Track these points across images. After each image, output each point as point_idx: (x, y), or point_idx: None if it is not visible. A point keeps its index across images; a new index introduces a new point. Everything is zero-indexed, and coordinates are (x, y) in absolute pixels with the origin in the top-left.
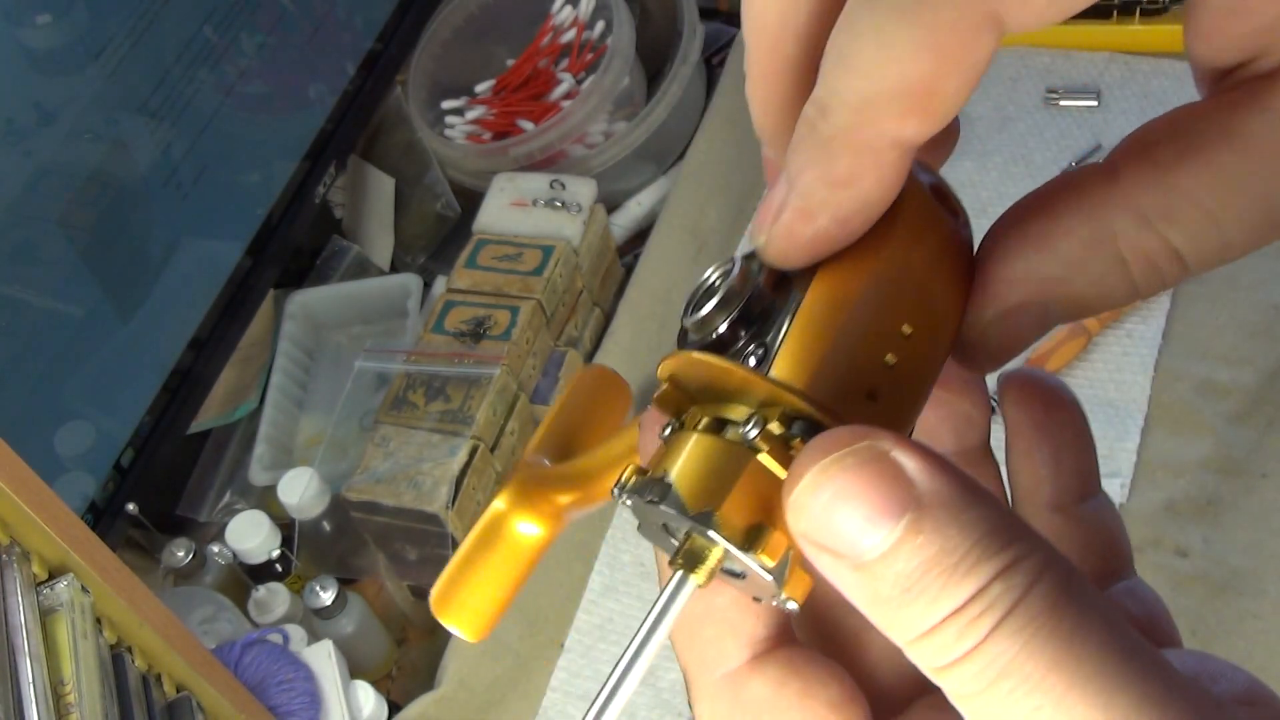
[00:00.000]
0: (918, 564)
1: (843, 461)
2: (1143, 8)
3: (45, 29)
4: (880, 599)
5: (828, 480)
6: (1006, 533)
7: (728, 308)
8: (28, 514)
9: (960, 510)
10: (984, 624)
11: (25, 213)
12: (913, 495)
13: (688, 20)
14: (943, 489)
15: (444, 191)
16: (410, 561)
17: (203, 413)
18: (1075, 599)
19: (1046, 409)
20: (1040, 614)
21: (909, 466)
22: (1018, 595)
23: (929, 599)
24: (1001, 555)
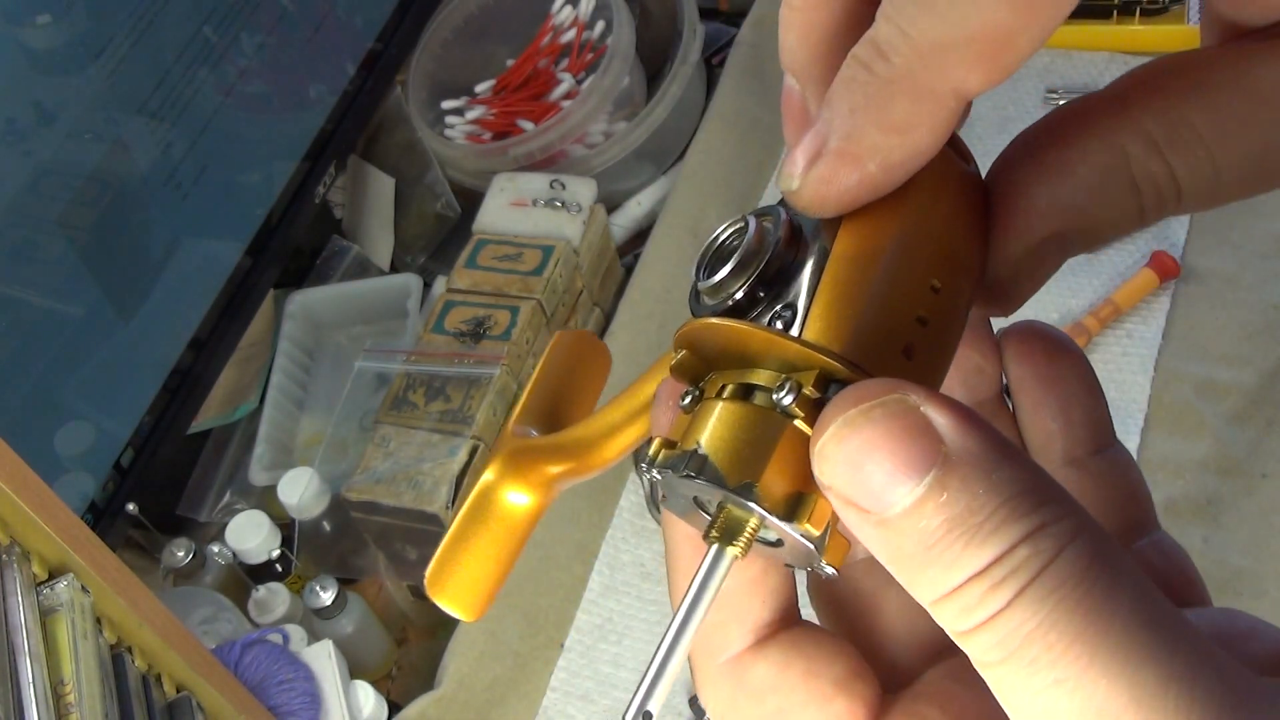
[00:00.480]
0: (942, 521)
1: (870, 413)
2: (1143, 8)
3: (45, 29)
4: (904, 556)
5: (853, 432)
6: (1037, 494)
7: (746, 270)
8: (28, 514)
9: (990, 469)
10: (1006, 590)
11: (25, 213)
12: (940, 451)
13: (688, 20)
14: (973, 446)
15: (444, 191)
16: (410, 561)
17: (203, 413)
18: (1105, 568)
19: (1050, 359)
20: (1066, 582)
21: (939, 421)
22: (1043, 562)
23: (951, 558)
24: (1029, 518)
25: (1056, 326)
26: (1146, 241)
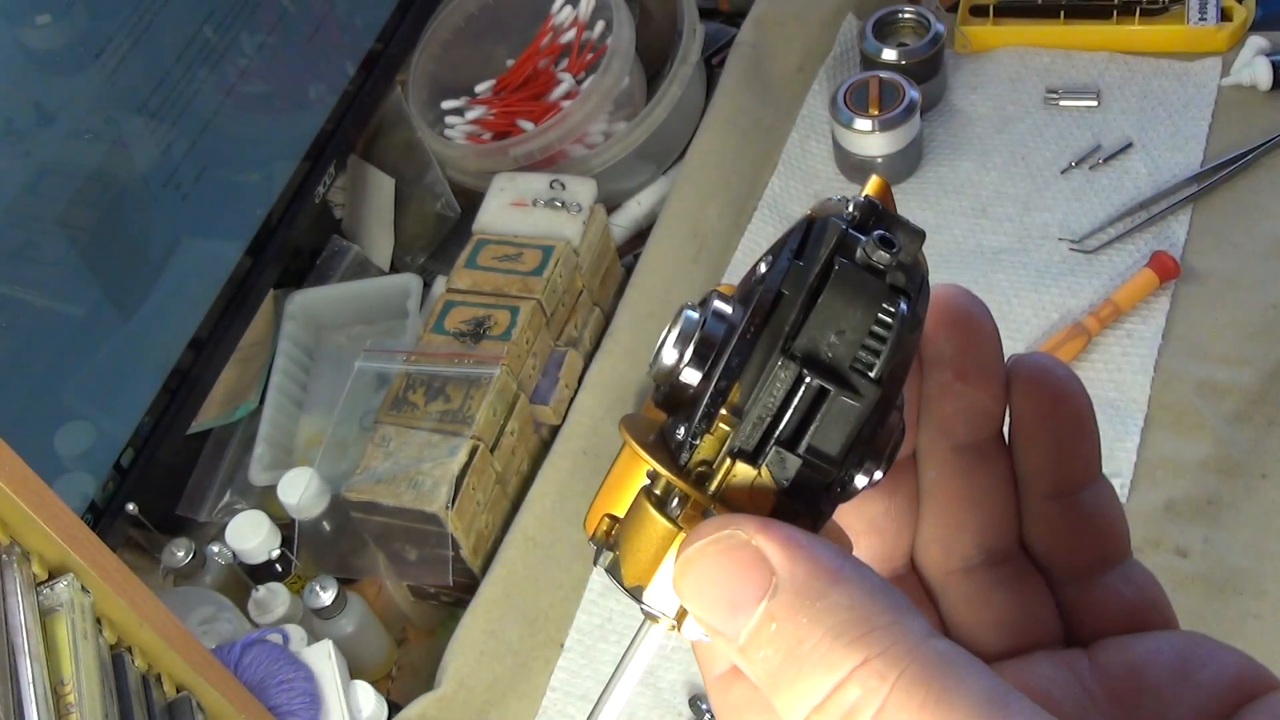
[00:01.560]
0: (778, 652)
1: (704, 549)
2: (1143, 8)
3: (45, 29)
4: (759, 682)
5: (691, 566)
6: (862, 622)
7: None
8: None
9: (815, 596)
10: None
11: (25, 213)
12: (771, 581)
13: (688, 20)
14: (800, 573)
15: (444, 191)
16: (410, 561)
17: (203, 413)
18: (944, 700)
19: (1054, 402)
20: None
21: (770, 552)
22: (878, 702)
23: (791, 688)
24: (855, 647)
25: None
26: (1146, 241)
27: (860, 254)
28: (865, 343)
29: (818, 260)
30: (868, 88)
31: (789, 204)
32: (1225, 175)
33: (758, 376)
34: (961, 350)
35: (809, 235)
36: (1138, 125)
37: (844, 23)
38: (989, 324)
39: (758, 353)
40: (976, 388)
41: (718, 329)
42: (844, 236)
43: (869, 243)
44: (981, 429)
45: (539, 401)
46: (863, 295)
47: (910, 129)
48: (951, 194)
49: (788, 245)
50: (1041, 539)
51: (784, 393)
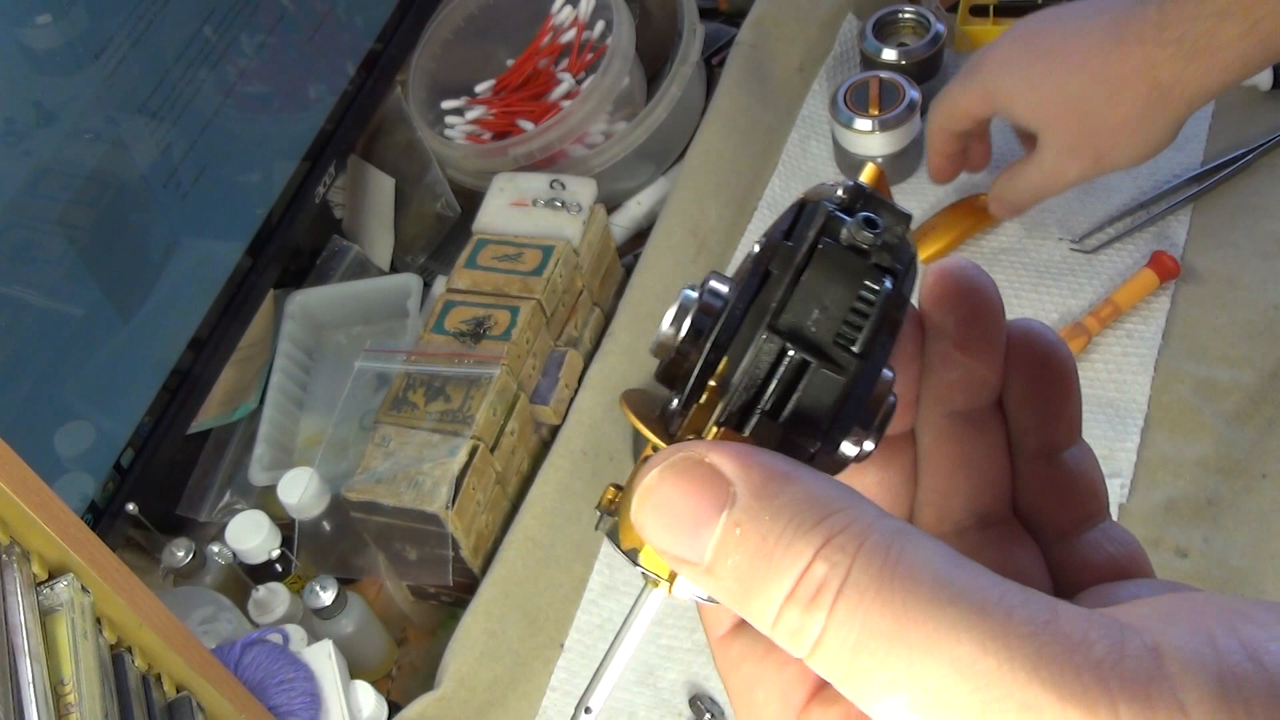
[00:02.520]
0: (744, 554)
1: (660, 474)
2: None
3: (45, 29)
4: (732, 595)
5: (651, 495)
6: (820, 508)
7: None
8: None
9: (772, 495)
10: (819, 610)
11: (25, 213)
12: (728, 490)
13: (688, 20)
14: (754, 477)
15: (444, 191)
16: (410, 561)
17: (203, 413)
18: (901, 561)
19: (1042, 365)
20: (868, 590)
21: (722, 465)
22: (841, 576)
23: (763, 587)
24: (816, 532)
25: (1051, 328)
26: (1146, 241)
27: (845, 234)
28: (848, 319)
29: (804, 240)
30: (868, 88)
31: (789, 204)
32: (1225, 175)
33: (745, 350)
34: (963, 321)
35: (799, 217)
36: None
37: (844, 23)
38: (993, 296)
39: (745, 327)
40: (976, 358)
41: (714, 304)
42: (830, 218)
43: (853, 224)
44: (979, 398)
45: (539, 401)
46: (844, 273)
47: (910, 129)
48: (951, 194)
49: (779, 226)
50: (1029, 499)
51: (768, 365)
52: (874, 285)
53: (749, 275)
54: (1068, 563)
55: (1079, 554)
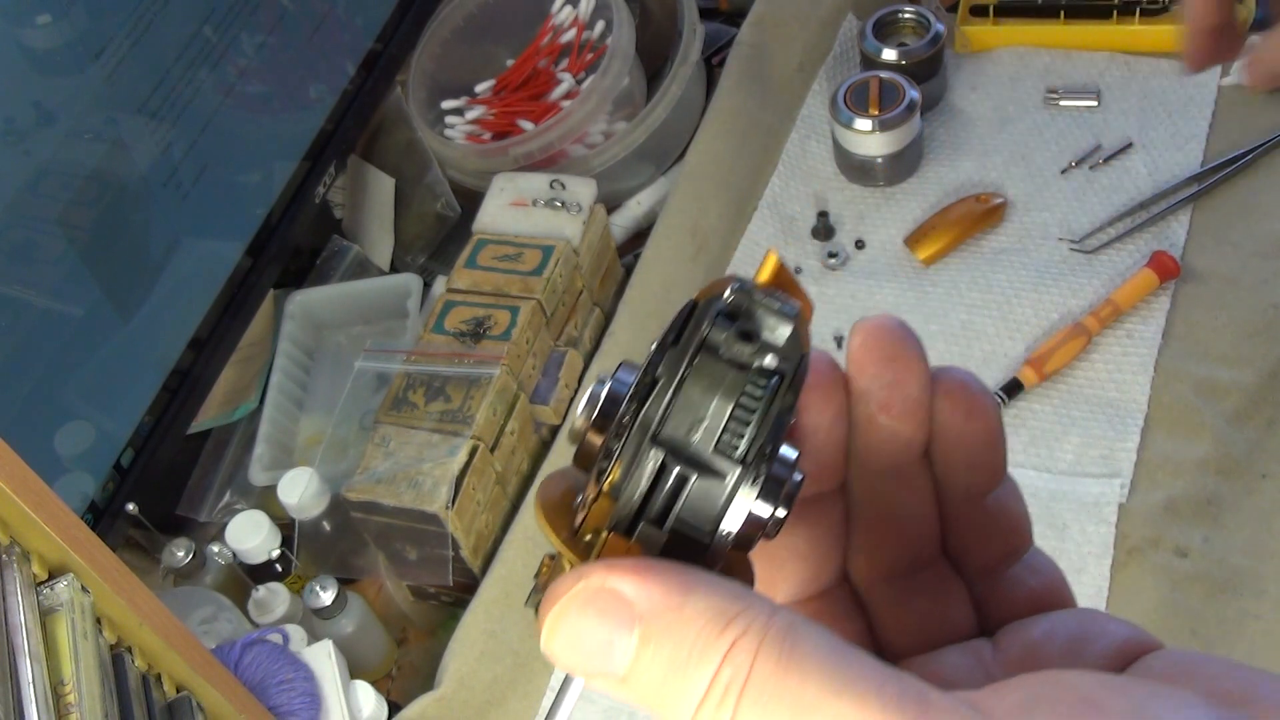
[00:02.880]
0: (661, 667)
1: (565, 607)
2: (1143, 8)
3: (45, 29)
4: (647, 702)
5: (558, 628)
6: (720, 617)
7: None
8: (28, 514)
9: (677, 609)
10: (728, 707)
11: (25, 213)
12: (634, 610)
13: (688, 20)
14: (656, 594)
15: (444, 191)
16: (410, 561)
17: (203, 413)
18: (794, 657)
19: (967, 417)
20: (766, 688)
21: (624, 589)
22: (745, 673)
23: (678, 694)
24: (721, 639)
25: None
26: (1146, 241)
27: (723, 347)
28: (728, 427)
29: (686, 351)
30: (868, 88)
31: (789, 204)
32: (1225, 175)
33: (633, 458)
34: (886, 386)
35: (687, 322)
36: (1138, 125)
37: (844, 23)
38: (917, 358)
39: (632, 437)
40: (900, 420)
41: (620, 392)
42: (712, 327)
43: (729, 336)
44: (904, 456)
45: (539, 401)
46: (721, 386)
47: (910, 129)
48: (951, 194)
49: (674, 324)
50: (955, 540)
51: (652, 477)
52: (755, 393)
53: (636, 383)
54: (991, 600)
55: (1001, 591)
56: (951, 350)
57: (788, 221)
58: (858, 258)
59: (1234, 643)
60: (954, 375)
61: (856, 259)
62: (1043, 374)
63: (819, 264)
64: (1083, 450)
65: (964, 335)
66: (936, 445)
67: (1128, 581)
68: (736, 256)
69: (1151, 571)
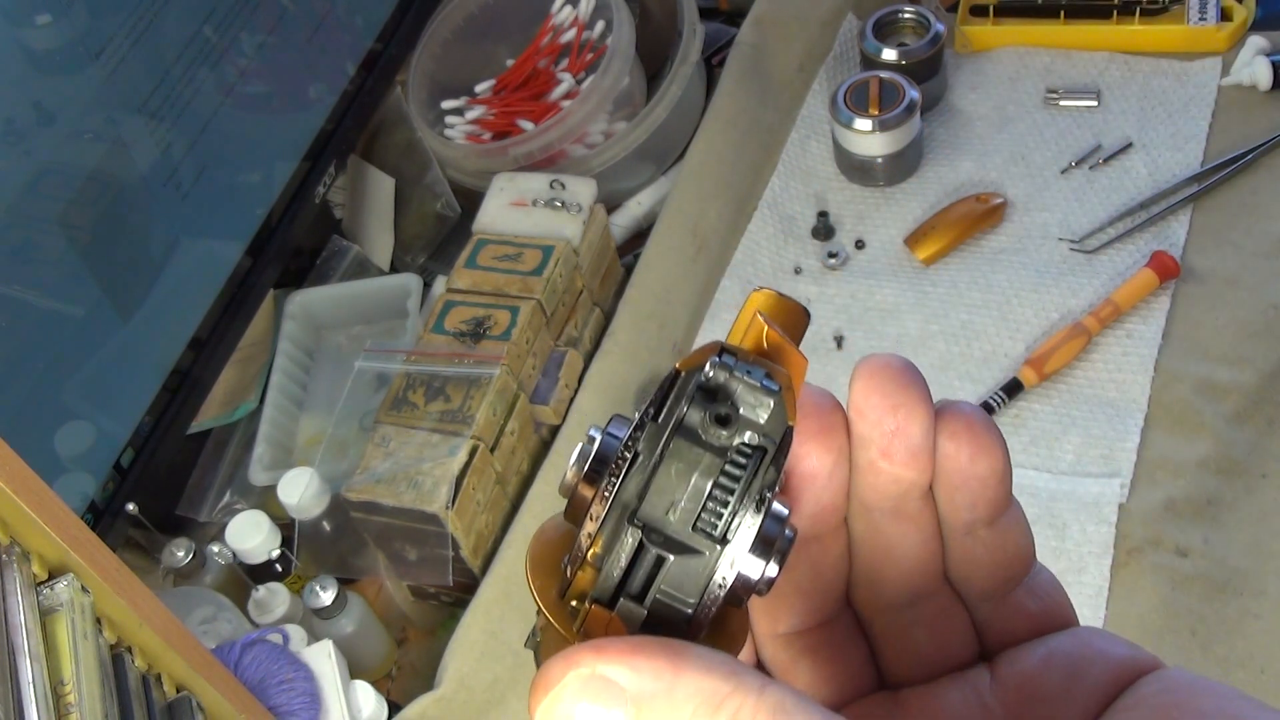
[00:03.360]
0: None
1: (556, 697)
2: (1143, 8)
3: (45, 29)
4: None
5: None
6: (714, 697)
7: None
8: (28, 514)
9: (667, 693)
10: None
11: (25, 213)
12: (624, 693)
13: (688, 20)
14: (646, 677)
15: (444, 191)
16: (410, 561)
17: (203, 413)
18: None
19: (973, 455)
20: None
21: (614, 673)
22: None
23: None
24: (719, 716)
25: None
26: (1146, 241)
27: (701, 429)
28: (707, 507)
29: (664, 430)
30: (868, 88)
31: (789, 204)
32: (1225, 175)
33: (612, 535)
34: (889, 434)
35: (669, 392)
36: (1138, 125)
37: (844, 23)
38: (919, 398)
39: (611, 513)
40: (901, 465)
41: (610, 451)
42: (690, 406)
43: (705, 420)
44: (906, 498)
45: (539, 401)
46: (698, 468)
47: (910, 129)
48: (951, 194)
49: (657, 394)
50: (958, 569)
51: (630, 554)
52: (734, 473)
53: (617, 454)
54: (993, 624)
55: (1003, 615)
56: (951, 350)
57: (788, 221)
58: (858, 258)
59: (1234, 643)
60: (960, 412)
61: (856, 259)
62: (1043, 374)
63: (819, 264)
64: (1083, 450)
65: (964, 335)
66: (940, 483)
67: (1128, 581)
68: (736, 257)
69: (1151, 571)
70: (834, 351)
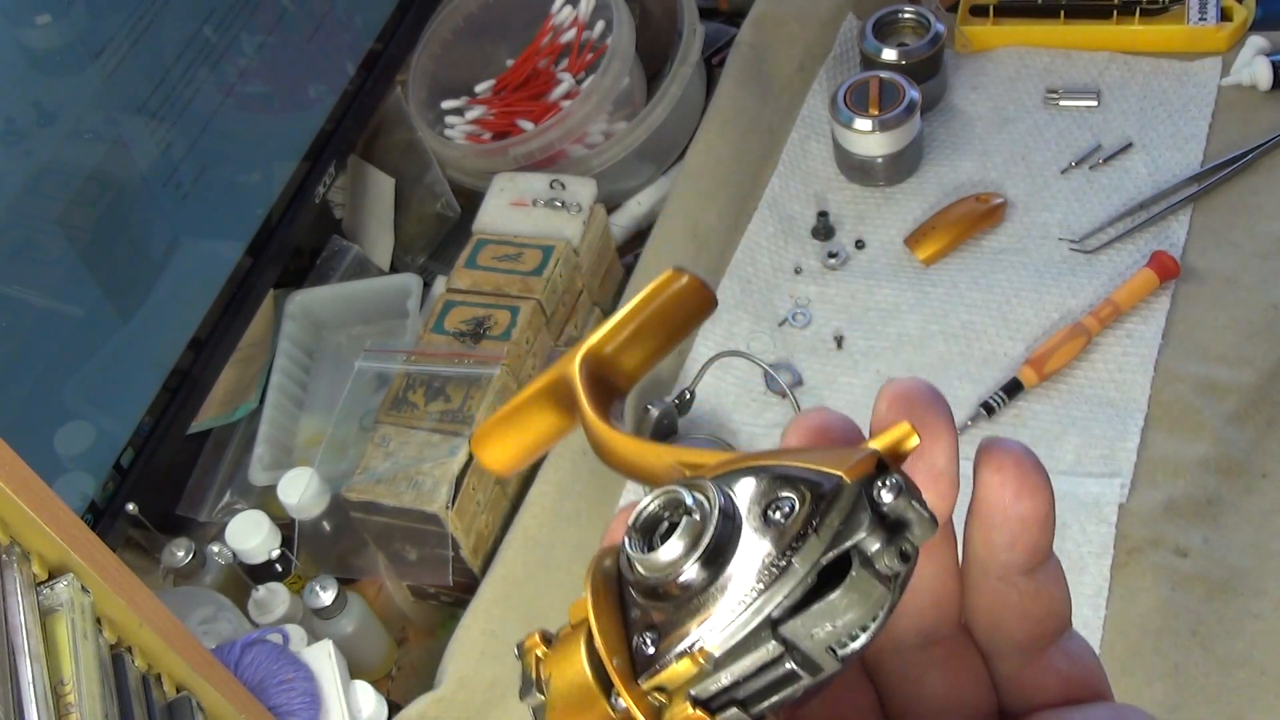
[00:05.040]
0: None
1: None
2: (1143, 8)
3: (45, 29)
4: None
5: None
6: None
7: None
8: (28, 514)
9: None
10: None
11: (25, 213)
12: None
13: (688, 20)
14: None
15: (444, 191)
16: (410, 561)
17: (203, 413)
18: None
19: (1018, 497)
20: None
21: None
22: None
23: None
24: None
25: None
26: (1146, 241)
27: (878, 560)
28: (852, 634)
29: (833, 549)
30: (868, 88)
31: (789, 204)
32: (1225, 175)
33: (749, 641)
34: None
35: (832, 504)
36: (1138, 125)
37: (844, 23)
38: (943, 423)
39: (752, 619)
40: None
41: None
42: (868, 532)
43: (888, 552)
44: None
45: None
46: (867, 602)
47: (910, 129)
48: (951, 194)
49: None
50: (984, 617)
51: (759, 664)
52: (891, 606)
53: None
54: (1017, 682)
55: (1030, 673)
56: (951, 350)
57: (788, 221)
58: (858, 258)
59: (1234, 643)
60: (1008, 448)
61: (856, 259)
62: (1043, 374)
63: (819, 264)
64: (1083, 450)
65: (964, 335)
66: (977, 520)
67: (1128, 581)
68: (736, 257)
69: (1151, 571)
70: (834, 351)
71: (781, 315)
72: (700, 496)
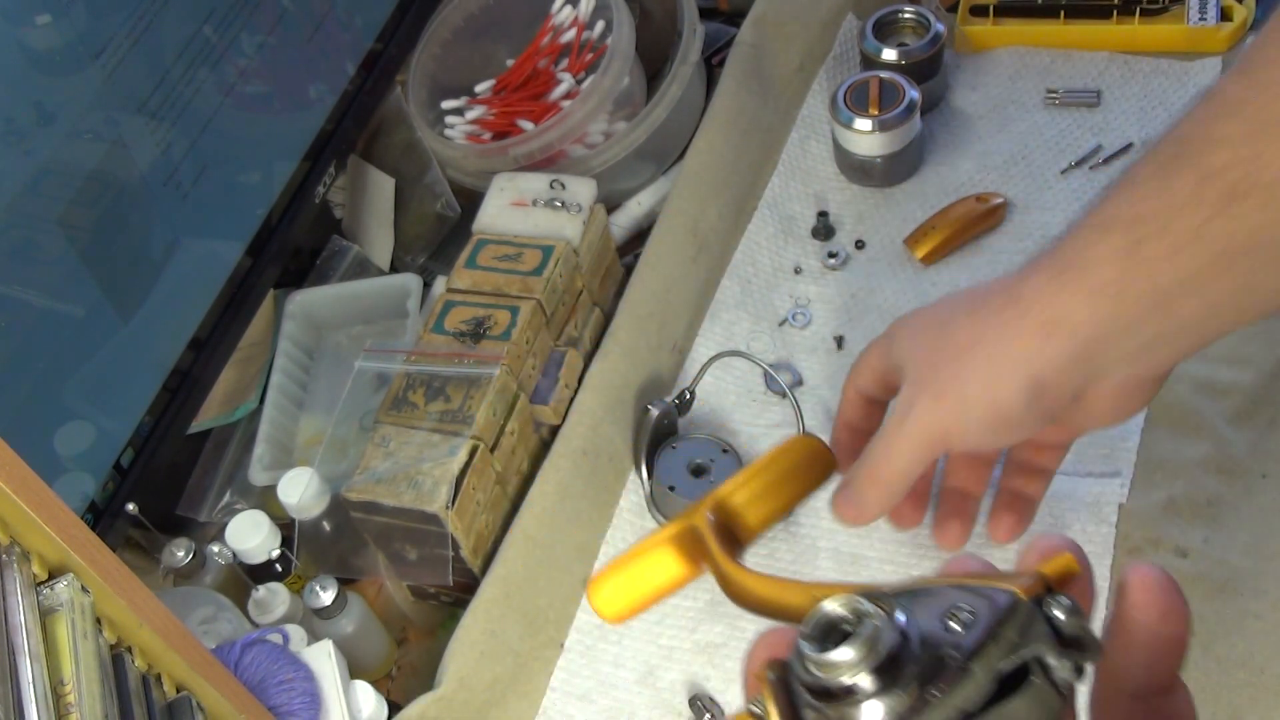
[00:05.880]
0: None
1: None
2: (1143, 8)
3: (45, 29)
4: None
5: None
6: None
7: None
8: (28, 514)
9: None
10: None
11: (25, 213)
12: None
13: (688, 20)
14: None
15: (444, 191)
16: (410, 561)
17: (203, 413)
18: None
19: (1162, 617)
20: None
21: None
22: None
23: None
24: None
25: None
26: None
27: (1058, 675)
28: None
29: (1013, 660)
30: (868, 88)
31: (789, 204)
32: None
33: None
34: None
35: (1010, 617)
36: (1138, 125)
37: (844, 23)
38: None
39: (933, 718)
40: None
41: (898, 649)
42: (1048, 649)
43: (1068, 669)
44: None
45: (539, 401)
46: (1044, 710)
47: (910, 129)
48: (951, 194)
49: (989, 613)
50: None
51: None
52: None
53: (951, 669)
54: None
55: None
56: None
57: (788, 221)
58: (858, 258)
59: (1234, 643)
60: (1154, 573)
61: (856, 259)
62: None
63: (819, 264)
64: (1083, 450)
65: None
66: (1121, 638)
67: None
68: (736, 257)
69: None
70: (834, 352)
71: (781, 315)
72: (878, 607)
